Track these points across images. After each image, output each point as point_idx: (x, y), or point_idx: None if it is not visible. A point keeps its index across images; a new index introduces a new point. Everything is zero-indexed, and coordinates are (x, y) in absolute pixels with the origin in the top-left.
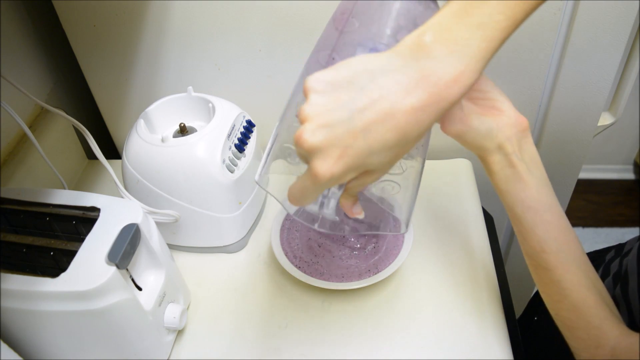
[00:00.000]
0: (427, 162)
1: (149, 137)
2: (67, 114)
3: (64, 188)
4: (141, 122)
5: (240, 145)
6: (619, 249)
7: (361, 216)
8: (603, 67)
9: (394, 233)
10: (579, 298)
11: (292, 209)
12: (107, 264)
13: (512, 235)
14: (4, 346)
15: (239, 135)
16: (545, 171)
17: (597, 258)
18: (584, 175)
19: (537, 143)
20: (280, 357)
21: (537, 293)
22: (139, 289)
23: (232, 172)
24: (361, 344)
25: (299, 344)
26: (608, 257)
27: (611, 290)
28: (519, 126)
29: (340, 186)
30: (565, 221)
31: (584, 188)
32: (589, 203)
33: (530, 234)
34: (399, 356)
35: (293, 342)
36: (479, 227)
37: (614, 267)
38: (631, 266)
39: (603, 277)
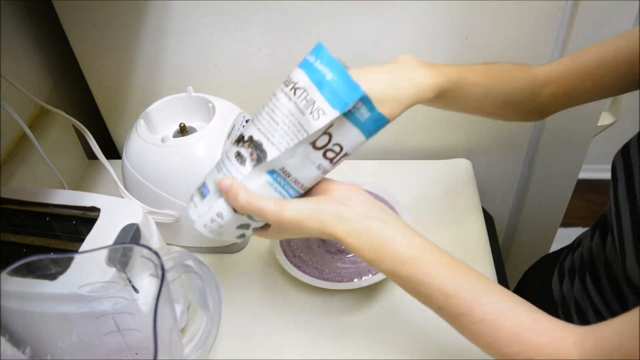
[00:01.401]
0: (427, 162)
1: (149, 137)
2: (67, 114)
3: (64, 188)
4: (141, 122)
5: None
6: (570, 247)
7: None
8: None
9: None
10: (512, 325)
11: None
12: (107, 265)
13: (512, 235)
14: (8, 345)
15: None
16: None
17: (553, 260)
18: (584, 175)
19: (538, 143)
20: (280, 357)
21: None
22: (136, 291)
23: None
24: (361, 344)
25: (299, 344)
26: (562, 256)
27: (569, 288)
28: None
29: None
30: (446, 255)
31: (584, 188)
32: (589, 203)
33: (425, 287)
34: (399, 356)
35: (293, 342)
36: (479, 227)
37: (567, 263)
38: (586, 255)
39: (560, 278)
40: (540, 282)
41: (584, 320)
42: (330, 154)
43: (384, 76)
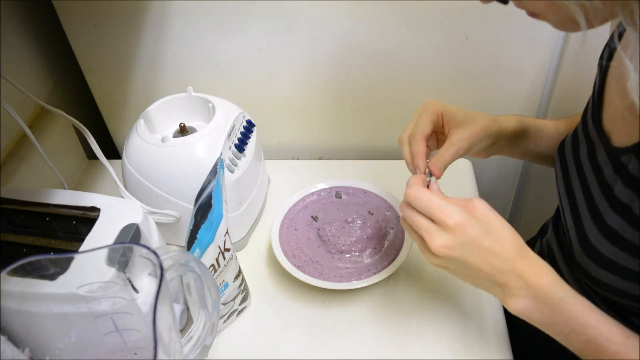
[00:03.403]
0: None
1: (149, 137)
2: (67, 114)
3: (64, 188)
4: (141, 122)
5: (240, 145)
6: (540, 233)
7: None
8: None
9: None
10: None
11: None
12: (107, 265)
13: None
14: (7, 345)
15: (239, 135)
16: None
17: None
18: None
19: None
20: (280, 357)
21: None
22: (136, 290)
23: (232, 172)
24: (361, 344)
25: (299, 344)
26: (532, 243)
27: None
28: None
29: None
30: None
31: None
32: None
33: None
34: (398, 356)
35: (293, 342)
36: None
37: (536, 249)
38: (550, 238)
39: None
40: None
41: None
42: None
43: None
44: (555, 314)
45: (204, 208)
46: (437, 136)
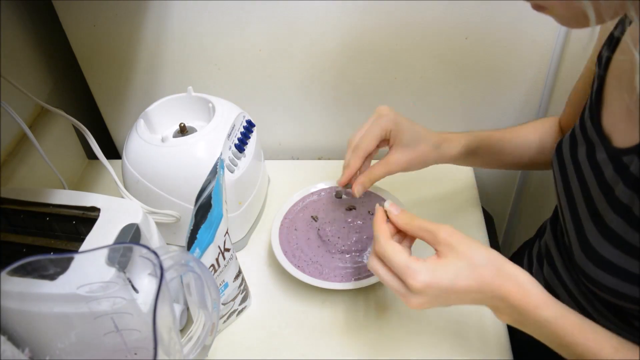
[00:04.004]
0: None
1: (149, 137)
2: (67, 114)
3: (64, 188)
4: (141, 122)
5: (240, 145)
6: (538, 234)
7: None
8: None
9: None
10: None
11: None
12: (107, 265)
13: (512, 235)
14: (8, 345)
15: (239, 135)
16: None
17: (521, 251)
18: None
19: None
20: (280, 357)
21: None
22: (136, 290)
23: (232, 172)
24: (361, 344)
25: (299, 344)
26: (530, 244)
27: (539, 274)
28: None
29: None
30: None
31: None
32: None
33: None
34: (398, 356)
35: (293, 342)
36: (479, 227)
37: (535, 250)
38: (548, 239)
39: (529, 265)
40: None
41: None
42: None
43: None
44: (543, 332)
45: (204, 208)
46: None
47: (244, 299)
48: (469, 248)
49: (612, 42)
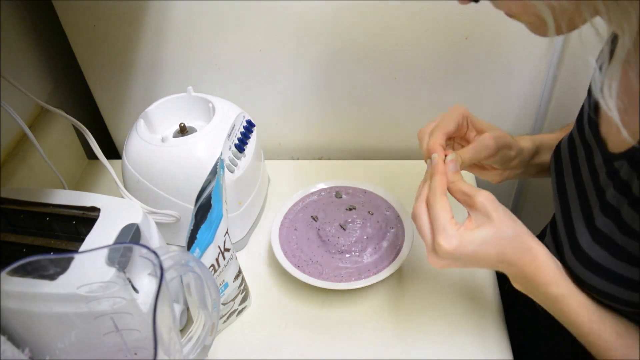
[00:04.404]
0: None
1: (149, 137)
2: (67, 114)
3: (64, 188)
4: (141, 122)
5: (240, 145)
6: (541, 234)
7: None
8: None
9: None
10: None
11: None
12: (107, 265)
13: None
14: (8, 345)
15: (239, 135)
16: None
17: None
18: None
19: None
20: (280, 357)
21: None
22: (136, 290)
23: (232, 172)
24: (361, 344)
25: (299, 344)
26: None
27: None
28: None
29: None
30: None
31: None
32: None
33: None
34: (398, 356)
35: (293, 342)
36: None
37: None
38: (547, 241)
39: None
40: None
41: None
42: None
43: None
44: (551, 308)
45: (204, 208)
46: (456, 141)
47: (244, 299)
48: (499, 218)
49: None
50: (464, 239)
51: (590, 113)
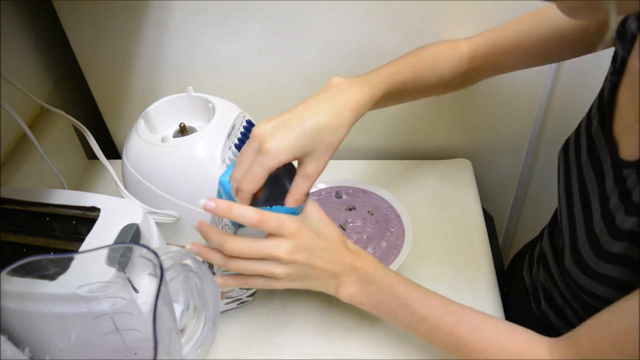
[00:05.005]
0: (427, 162)
1: (149, 137)
2: (67, 114)
3: (64, 188)
4: (141, 122)
5: (241, 145)
6: (540, 235)
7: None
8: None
9: None
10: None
11: None
12: (107, 265)
13: (512, 235)
14: (8, 345)
15: (239, 135)
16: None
17: (522, 252)
18: None
19: (538, 143)
20: (280, 357)
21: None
22: (136, 291)
23: None
24: (361, 344)
25: (299, 344)
26: (532, 245)
27: (538, 275)
28: None
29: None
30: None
31: None
32: None
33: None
34: (399, 356)
35: (293, 342)
36: (479, 227)
37: (536, 251)
38: (545, 243)
39: (530, 267)
40: (517, 271)
41: (552, 306)
42: None
43: (323, 107)
44: (381, 293)
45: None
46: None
47: (252, 293)
48: (324, 217)
49: (625, 38)
50: (302, 223)
51: (604, 110)
